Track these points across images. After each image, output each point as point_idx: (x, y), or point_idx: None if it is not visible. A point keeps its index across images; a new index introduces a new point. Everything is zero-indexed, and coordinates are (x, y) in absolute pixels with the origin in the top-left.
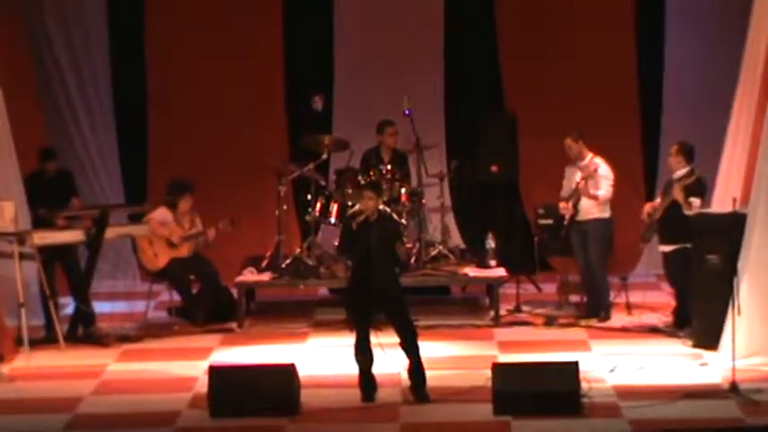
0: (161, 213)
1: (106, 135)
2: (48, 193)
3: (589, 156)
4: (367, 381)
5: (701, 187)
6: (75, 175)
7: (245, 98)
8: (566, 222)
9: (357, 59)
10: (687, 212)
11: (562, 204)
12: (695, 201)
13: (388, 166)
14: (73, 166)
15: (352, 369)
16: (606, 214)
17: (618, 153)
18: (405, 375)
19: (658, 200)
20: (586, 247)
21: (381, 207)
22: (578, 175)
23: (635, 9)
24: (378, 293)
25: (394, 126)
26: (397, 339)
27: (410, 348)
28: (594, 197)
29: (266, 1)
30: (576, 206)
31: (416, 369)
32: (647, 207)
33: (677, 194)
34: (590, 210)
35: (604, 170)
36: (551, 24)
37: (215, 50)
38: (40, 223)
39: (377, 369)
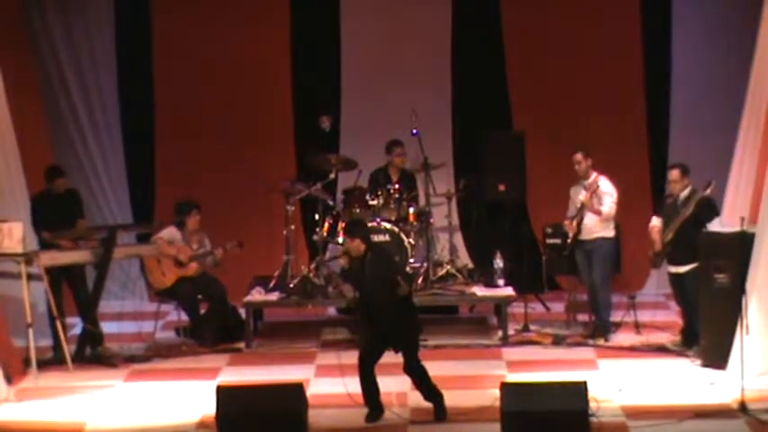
0: (169, 233)
1: (114, 155)
2: (54, 214)
3: (594, 175)
4: (373, 403)
5: (713, 204)
6: (82, 195)
7: (252, 118)
8: (569, 241)
9: (364, 79)
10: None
11: (566, 222)
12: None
13: (396, 186)
14: (81, 187)
15: (359, 388)
16: (610, 233)
17: (626, 171)
18: (413, 393)
19: (657, 222)
20: (591, 267)
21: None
22: (583, 194)
23: (641, 28)
24: (380, 324)
25: (402, 146)
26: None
27: (415, 378)
28: (598, 212)
29: (274, 22)
30: (579, 225)
31: (428, 392)
32: (654, 234)
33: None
34: (593, 229)
35: (607, 187)
36: (559, 44)
37: (223, 70)
38: (45, 246)
39: (383, 388)
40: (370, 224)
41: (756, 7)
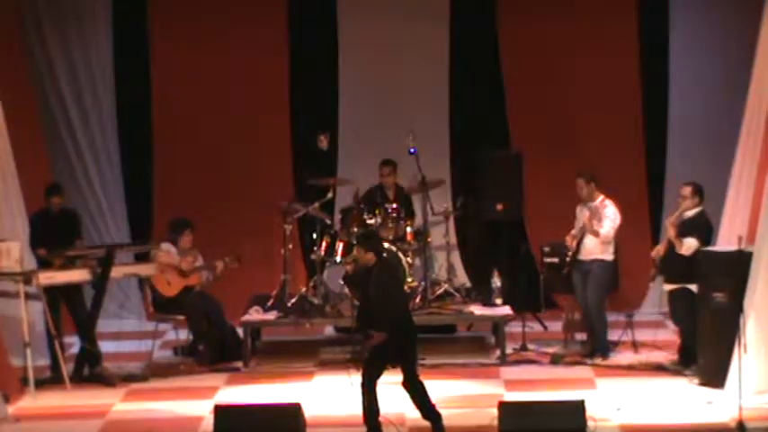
0: (166, 246)
1: (112, 174)
2: (51, 233)
3: (600, 197)
4: (372, 423)
5: (704, 225)
6: (80, 214)
7: (250, 136)
8: (568, 259)
9: (362, 98)
10: (679, 251)
11: (568, 239)
12: (690, 241)
13: (394, 205)
14: (78, 206)
15: (357, 408)
16: (609, 257)
17: (623, 191)
18: (411, 412)
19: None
20: (585, 287)
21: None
22: (586, 214)
23: (639, 46)
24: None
25: (388, 166)
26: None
27: (414, 393)
28: (596, 233)
29: (272, 40)
30: (578, 245)
31: (427, 410)
32: (659, 247)
33: (669, 231)
34: (592, 250)
35: (610, 211)
36: (556, 62)
37: (221, 89)
38: (40, 264)
39: (382, 407)
40: None
41: (756, 13)
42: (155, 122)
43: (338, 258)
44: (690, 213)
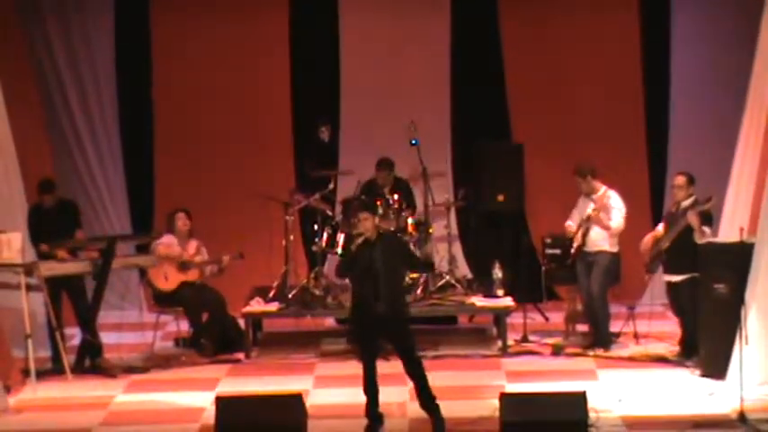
0: (167, 239)
1: (113, 166)
2: (48, 226)
3: (603, 188)
4: (373, 414)
5: (710, 216)
6: (81, 206)
7: (251, 128)
8: (573, 252)
9: (364, 90)
10: (699, 240)
11: (568, 228)
12: (707, 229)
13: (395, 196)
14: (79, 197)
15: (358, 399)
16: (614, 248)
17: (625, 182)
18: (412, 404)
19: (660, 229)
20: (590, 277)
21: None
22: (591, 206)
23: (641, 36)
24: (384, 318)
25: (384, 170)
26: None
27: (416, 379)
28: (607, 227)
29: (273, 33)
30: (584, 236)
31: (426, 398)
32: (648, 238)
33: (693, 220)
34: (598, 242)
35: (616, 201)
36: (558, 52)
37: (222, 81)
38: (43, 258)
39: (383, 398)
40: None
41: (757, 10)
42: (156, 114)
43: (339, 250)
44: (686, 203)
